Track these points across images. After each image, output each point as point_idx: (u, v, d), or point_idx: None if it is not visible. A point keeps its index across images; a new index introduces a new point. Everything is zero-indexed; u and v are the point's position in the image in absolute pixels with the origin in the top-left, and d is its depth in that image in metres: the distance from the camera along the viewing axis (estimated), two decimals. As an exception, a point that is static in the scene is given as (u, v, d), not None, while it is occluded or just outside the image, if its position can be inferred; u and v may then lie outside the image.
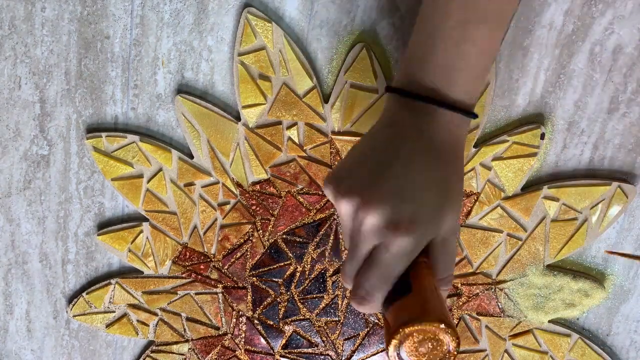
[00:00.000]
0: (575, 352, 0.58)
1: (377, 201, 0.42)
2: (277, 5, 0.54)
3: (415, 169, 0.43)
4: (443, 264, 0.44)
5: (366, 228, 0.43)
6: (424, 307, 0.41)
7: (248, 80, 0.55)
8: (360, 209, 0.43)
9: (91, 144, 0.57)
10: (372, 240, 0.43)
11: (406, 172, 0.43)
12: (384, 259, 0.42)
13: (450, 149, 0.45)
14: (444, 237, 0.44)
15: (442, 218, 0.43)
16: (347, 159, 0.46)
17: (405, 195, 0.42)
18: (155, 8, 0.54)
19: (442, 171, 0.44)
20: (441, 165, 0.44)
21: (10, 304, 0.63)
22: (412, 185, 0.43)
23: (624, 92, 0.54)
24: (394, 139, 0.45)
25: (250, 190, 0.58)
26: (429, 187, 0.43)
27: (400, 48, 0.54)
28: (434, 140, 0.44)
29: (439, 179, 0.44)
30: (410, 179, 0.43)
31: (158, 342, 0.61)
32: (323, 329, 0.60)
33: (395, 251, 0.42)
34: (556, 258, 0.57)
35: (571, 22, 0.52)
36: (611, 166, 0.55)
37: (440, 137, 0.44)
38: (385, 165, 0.43)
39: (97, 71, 0.56)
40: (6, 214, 0.60)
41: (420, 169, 0.43)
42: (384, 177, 0.43)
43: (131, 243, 0.59)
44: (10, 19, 0.55)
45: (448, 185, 0.44)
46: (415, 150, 0.44)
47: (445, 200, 0.44)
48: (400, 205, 0.42)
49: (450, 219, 0.44)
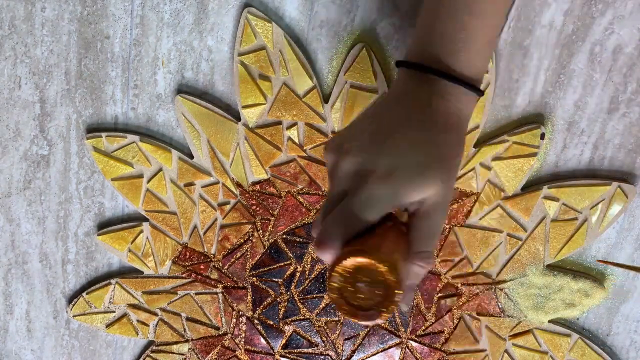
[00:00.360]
0: (575, 352, 0.58)
1: (356, 149, 0.42)
2: (277, 5, 0.54)
3: (407, 127, 0.43)
4: (419, 237, 0.43)
5: (340, 174, 0.42)
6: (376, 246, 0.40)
7: (248, 80, 0.55)
8: (341, 157, 0.42)
9: (91, 144, 0.57)
10: (342, 186, 0.42)
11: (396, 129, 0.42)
12: (349, 205, 0.41)
13: (451, 122, 0.44)
14: (427, 209, 0.42)
15: (424, 184, 0.42)
16: (347, 125, 0.46)
17: (387, 149, 0.42)
18: (155, 8, 0.54)
19: (435, 137, 0.43)
20: (436, 132, 0.43)
21: (10, 304, 0.63)
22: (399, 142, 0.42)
23: (624, 92, 0.54)
24: (393, 103, 0.44)
25: (250, 190, 0.58)
26: (417, 146, 0.42)
27: (400, 48, 0.54)
28: (434, 110, 0.43)
29: (431, 142, 0.43)
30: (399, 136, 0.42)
31: (158, 342, 0.61)
32: (323, 329, 0.60)
33: (362, 198, 0.41)
34: (556, 258, 0.57)
35: (571, 22, 0.52)
36: (611, 166, 0.55)
37: (442, 109, 0.43)
38: (376, 122, 0.43)
39: (97, 71, 0.56)
40: (6, 214, 0.60)
41: (412, 129, 0.43)
42: (371, 131, 0.43)
43: (131, 243, 0.59)
44: (10, 19, 0.55)
45: (440, 151, 0.43)
46: (412, 113, 0.43)
47: (434, 165, 0.42)
48: (377, 155, 0.41)
49: (437, 188, 0.42)
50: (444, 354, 0.59)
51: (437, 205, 0.43)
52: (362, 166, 0.41)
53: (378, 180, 0.41)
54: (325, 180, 0.57)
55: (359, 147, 0.42)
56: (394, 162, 0.41)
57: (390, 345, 0.59)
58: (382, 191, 0.41)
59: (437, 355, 0.59)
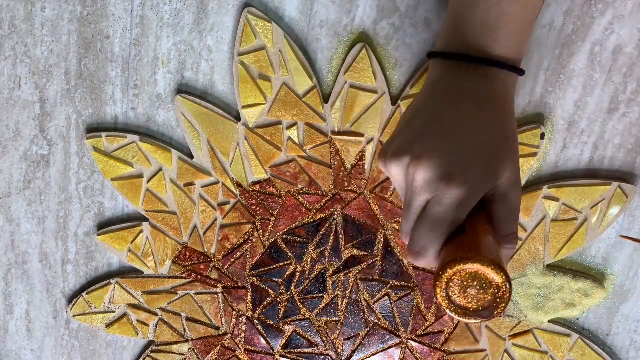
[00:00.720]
0: (575, 352, 0.58)
1: (426, 155, 0.41)
2: (277, 5, 0.54)
3: (464, 120, 0.42)
4: (503, 220, 0.43)
5: (418, 183, 0.42)
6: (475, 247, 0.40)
7: (248, 80, 0.55)
8: (410, 165, 0.42)
9: (91, 144, 0.57)
10: (425, 195, 0.42)
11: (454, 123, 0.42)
12: (437, 212, 0.41)
13: (500, 105, 0.44)
14: (503, 191, 0.42)
15: (497, 168, 0.42)
16: (395, 130, 0.45)
17: (455, 146, 0.41)
18: (155, 8, 0.54)
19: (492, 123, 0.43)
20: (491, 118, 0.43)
21: (10, 304, 0.63)
22: (462, 135, 0.42)
23: (624, 92, 0.54)
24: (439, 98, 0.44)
25: (250, 190, 0.58)
26: (480, 137, 0.42)
27: (400, 48, 0.54)
28: (480, 97, 0.43)
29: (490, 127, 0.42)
30: (460, 130, 0.42)
31: (158, 342, 0.61)
32: (323, 329, 0.60)
33: (448, 203, 0.41)
34: (556, 258, 0.57)
35: (571, 22, 0.52)
36: (611, 166, 0.55)
37: (490, 94, 0.43)
38: (432, 121, 0.43)
39: (97, 71, 0.56)
40: (6, 214, 0.60)
41: (469, 120, 0.42)
42: (432, 132, 0.42)
43: (131, 243, 0.59)
44: (10, 19, 0.55)
45: (502, 134, 0.43)
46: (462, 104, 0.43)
47: (500, 149, 0.42)
48: (450, 156, 0.41)
49: (509, 170, 0.42)
50: (444, 354, 0.59)
51: (511, 184, 0.43)
52: (439, 170, 0.41)
53: (457, 184, 0.41)
54: (325, 180, 0.57)
55: (429, 152, 0.42)
56: (465, 160, 0.41)
57: (390, 345, 0.59)
58: (463, 192, 0.41)
59: (437, 355, 0.59)
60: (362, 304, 0.59)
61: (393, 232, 0.57)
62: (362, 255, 0.58)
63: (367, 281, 0.58)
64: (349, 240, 0.58)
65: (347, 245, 0.58)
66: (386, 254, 0.58)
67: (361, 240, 0.58)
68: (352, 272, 0.58)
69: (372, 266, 0.58)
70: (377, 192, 0.57)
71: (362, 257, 0.58)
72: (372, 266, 0.58)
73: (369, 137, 0.56)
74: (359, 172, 0.56)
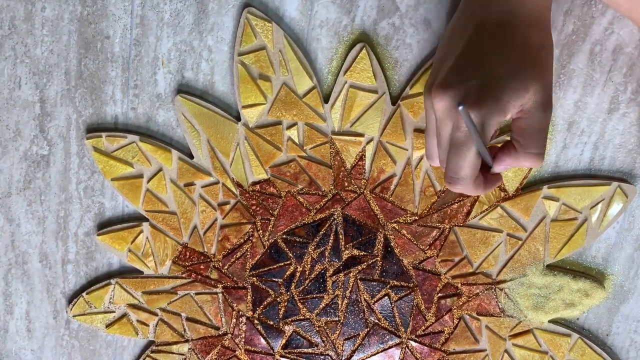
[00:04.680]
0: (575, 352, 0.58)
1: (441, 83, 0.42)
2: (277, 5, 0.54)
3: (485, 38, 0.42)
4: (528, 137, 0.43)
5: (438, 114, 0.43)
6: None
7: (248, 80, 0.55)
8: (433, 97, 0.43)
9: (91, 144, 0.57)
10: (447, 123, 0.43)
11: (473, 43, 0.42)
12: (459, 137, 0.42)
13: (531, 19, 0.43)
14: (528, 108, 0.42)
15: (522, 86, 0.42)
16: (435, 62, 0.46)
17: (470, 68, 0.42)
18: (155, 8, 0.54)
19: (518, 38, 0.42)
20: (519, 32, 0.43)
21: (10, 304, 0.63)
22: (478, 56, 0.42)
23: (624, 92, 0.54)
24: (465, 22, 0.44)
25: (250, 190, 0.58)
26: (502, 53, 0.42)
27: (400, 48, 0.54)
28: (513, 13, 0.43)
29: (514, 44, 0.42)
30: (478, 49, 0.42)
31: (158, 342, 0.61)
32: (323, 329, 0.60)
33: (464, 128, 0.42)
34: (556, 258, 0.57)
35: (571, 22, 0.52)
36: (611, 166, 0.55)
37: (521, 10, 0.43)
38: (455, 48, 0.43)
39: (97, 71, 0.56)
40: (6, 214, 0.60)
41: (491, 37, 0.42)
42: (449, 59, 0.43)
43: (131, 243, 0.59)
44: (10, 19, 0.55)
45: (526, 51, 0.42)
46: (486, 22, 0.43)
47: (526, 66, 0.42)
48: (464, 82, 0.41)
49: (537, 89, 0.42)
50: (444, 354, 0.59)
51: (537, 103, 0.43)
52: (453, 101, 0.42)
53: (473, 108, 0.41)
54: (325, 181, 0.57)
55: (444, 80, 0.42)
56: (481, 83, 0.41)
57: (390, 346, 0.59)
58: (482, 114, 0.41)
59: (437, 355, 0.59)
60: (362, 304, 0.59)
61: (393, 232, 0.57)
62: (362, 255, 0.58)
63: (367, 281, 0.58)
64: (349, 240, 0.58)
65: (347, 245, 0.58)
66: (386, 254, 0.58)
67: (361, 240, 0.58)
68: (352, 272, 0.58)
69: (372, 266, 0.58)
70: (377, 192, 0.57)
71: (362, 257, 0.58)
72: (372, 266, 0.58)
73: (369, 137, 0.56)
74: (359, 172, 0.56)
